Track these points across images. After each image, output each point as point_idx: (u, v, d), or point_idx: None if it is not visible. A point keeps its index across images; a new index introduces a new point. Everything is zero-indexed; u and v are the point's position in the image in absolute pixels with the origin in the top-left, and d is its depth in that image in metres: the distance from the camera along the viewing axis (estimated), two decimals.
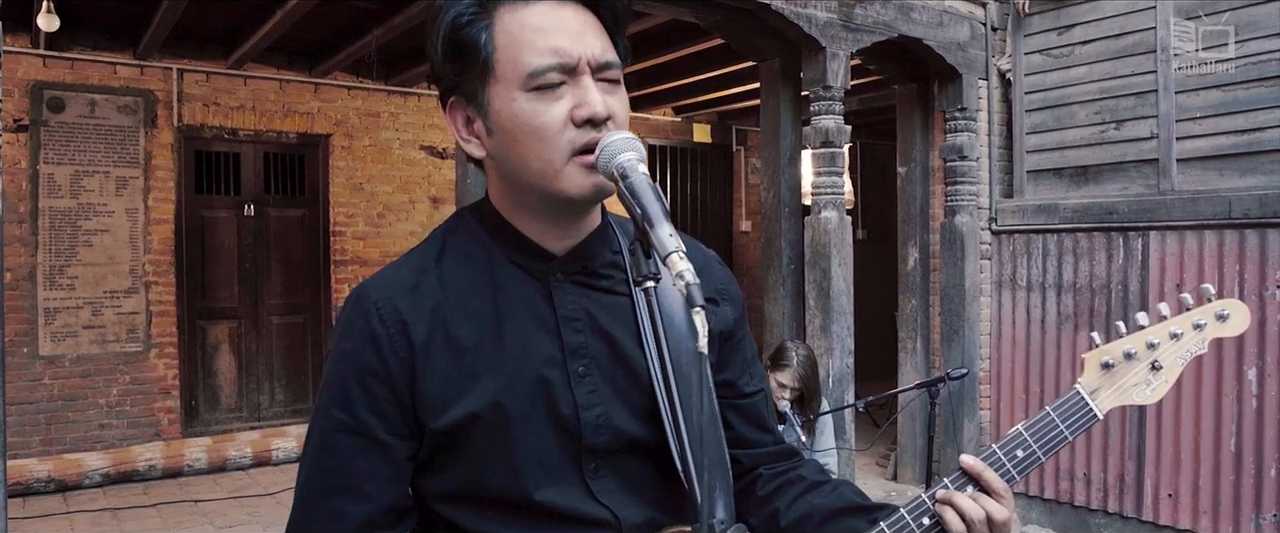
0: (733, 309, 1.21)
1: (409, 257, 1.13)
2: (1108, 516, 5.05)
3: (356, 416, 1.05)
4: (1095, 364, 1.18)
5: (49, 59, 5.80)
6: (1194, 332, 1.19)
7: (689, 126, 8.85)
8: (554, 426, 1.06)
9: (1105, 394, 1.17)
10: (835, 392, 4.75)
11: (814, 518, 1.16)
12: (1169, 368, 1.18)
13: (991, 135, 5.55)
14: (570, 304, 1.09)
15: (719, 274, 1.22)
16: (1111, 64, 5.00)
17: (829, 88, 4.72)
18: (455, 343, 1.06)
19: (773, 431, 1.26)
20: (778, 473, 1.23)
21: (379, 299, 1.07)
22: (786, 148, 5.15)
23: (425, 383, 1.05)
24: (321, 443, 1.08)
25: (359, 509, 1.06)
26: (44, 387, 5.89)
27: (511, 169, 1.05)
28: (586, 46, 1.02)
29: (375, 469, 1.06)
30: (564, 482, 1.06)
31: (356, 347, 1.06)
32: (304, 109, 6.77)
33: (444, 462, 1.07)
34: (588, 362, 1.08)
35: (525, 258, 1.09)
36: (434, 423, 1.04)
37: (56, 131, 5.84)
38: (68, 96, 5.86)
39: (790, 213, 5.15)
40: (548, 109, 1.01)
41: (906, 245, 5.77)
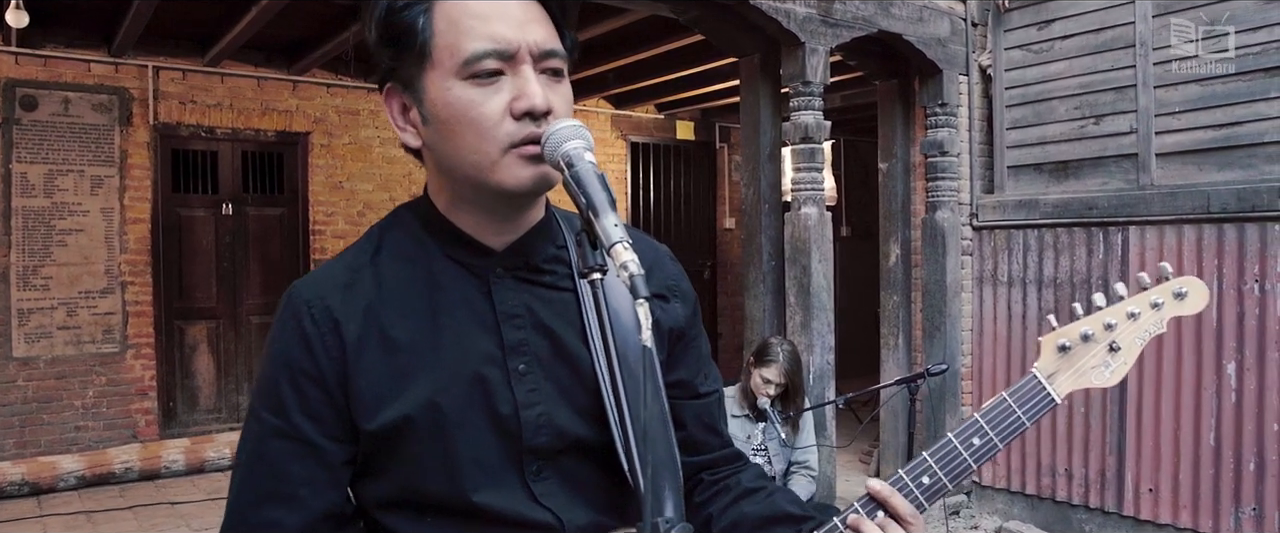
0: (684, 306, 1.18)
1: (344, 255, 1.09)
2: (1089, 511, 5.05)
3: (289, 419, 1.02)
4: (1052, 347, 1.15)
5: (21, 56, 5.72)
6: (1152, 311, 1.16)
7: (672, 123, 8.83)
8: (493, 426, 1.03)
9: (1063, 378, 1.14)
10: (816, 388, 4.73)
11: (743, 526, 1.14)
12: (1127, 349, 1.15)
13: (972, 131, 5.55)
14: (510, 301, 1.05)
15: (670, 270, 1.19)
16: (1091, 59, 5.00)
17: (808, 83, 4.70)
18: (390, 342, 1.02)
19: (722, 434, 1.23)
20: (718, 478, 1.21)
21: (310, 298, 1.04)
22: (766, 144, 5.12)
23: (358, 383, 1.01)
24: (254, 449, 1.04)
25: (294, 518, 1.02)
26: (18, 389, 5.81)
27: (447, 161, 1.02)
28: (528, 34, 0.98)
29: (310, 475, 1.02)
30: (504, 484, 1.03)
31: (287, 347, 1.03)
32: (282, 107, 6.71)
33: (380, 466, 1.04)
34: (529, 359, 1.04)
35: (463, 254, 1.06)
36: (368, 424, 1.01)
37: (29, 130, 5.76)
38: (41, 94, 5.79)
39: (770, 209, 5.13)
40: (486, 100, 0.97)
41: (888, 242, 5.75)
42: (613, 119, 8.51)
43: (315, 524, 1.03)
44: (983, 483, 5.57)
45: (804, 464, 4.12)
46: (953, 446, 1.11)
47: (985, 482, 5.55)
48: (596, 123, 8.42)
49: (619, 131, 8.57)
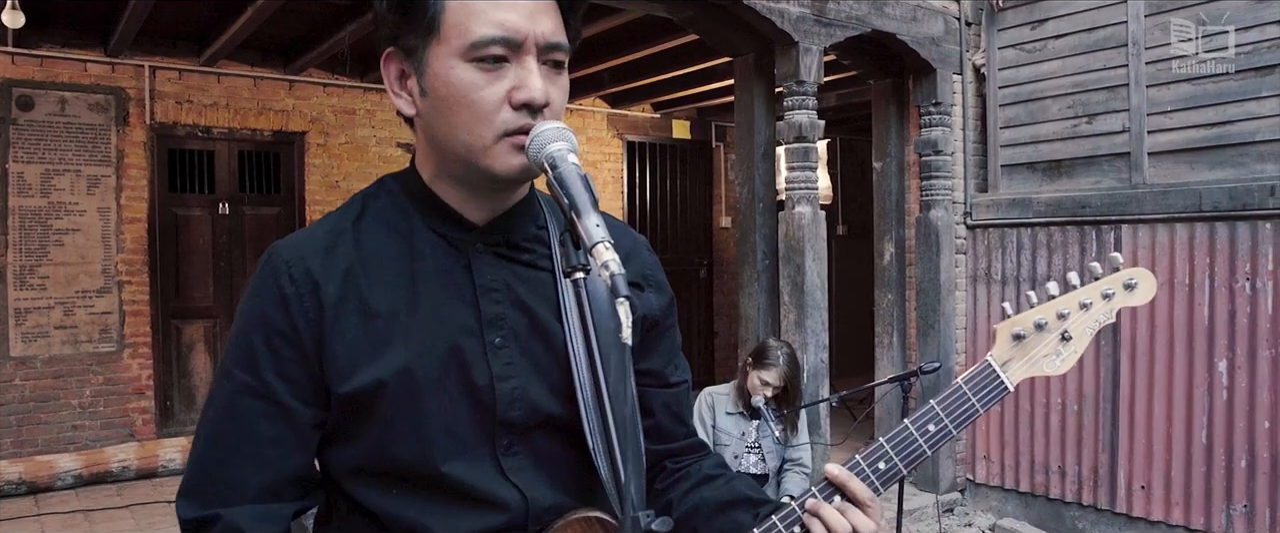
0: (659, 296, 1.20)
1: (327, 219, 1.10)
2: (1082, 508, 5.08)
3: (262, 378, 1.02)
4: (1006, 336, 1.16)
5: (18, 56, 5.72)
6: (1103, 301, 1.18)
7: (668, 123, 8.84)
8: (468, 396, 1.04)
9: (1016, 365, 1.16)
10: (810, 386, 4.75)
11: (702, 511, 1.16)
12: (1078, 338, 1.17)
13: (966, 130, 5.57)
14: (489, 275, 1.07)
15: (646, 260, 1.20)
16: (1084, 58, 5.02)
17: (802, 83, 4.72)
18: (368, 307, 1.03)
19: (688, 424, 1.26)
20: (680, 466, 1.23)
21: (290, 259, 1.04)
22: (760, 143, 5.14)
23: (334, 345, 1.02)
24: (223, 406, 1.04)
25: (258, 477, 1.02)
26: (15, 388, 5.82)
27: (439, 136, 1.03)
28: (537, 25, 0.99)
29: (278, 435, 1.03)
30: (474, 457, 1.04)
31: (264, 306, 1.03)
32: (279, 107, 6.72)
33: (352, 430, 1.04)
34: (506, 333, 1.06)
35: (445, 226, 1.07)
36: (341, 387, 1.01)
37: (26, 130, 5.77)
38: (37, 94, 5.79)
39: (765, 208, 5.15)
40: (487, 85, 0.98)
41: (882, 240, 5.77)
42: (609, 118, 8.53)
43: (279, 486, 1.04)
44: (977, 480, 5.59)
45: (798, 461, 4.14)
46: (909, 432, 1.13)
47: (979, 479, 5.58)
48: (592, 122, 8.44)
49: (615, 131, 8.59)
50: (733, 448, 4.14)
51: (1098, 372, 4.97)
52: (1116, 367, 4.88)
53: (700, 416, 4.22)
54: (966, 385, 1.14)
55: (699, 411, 4.22)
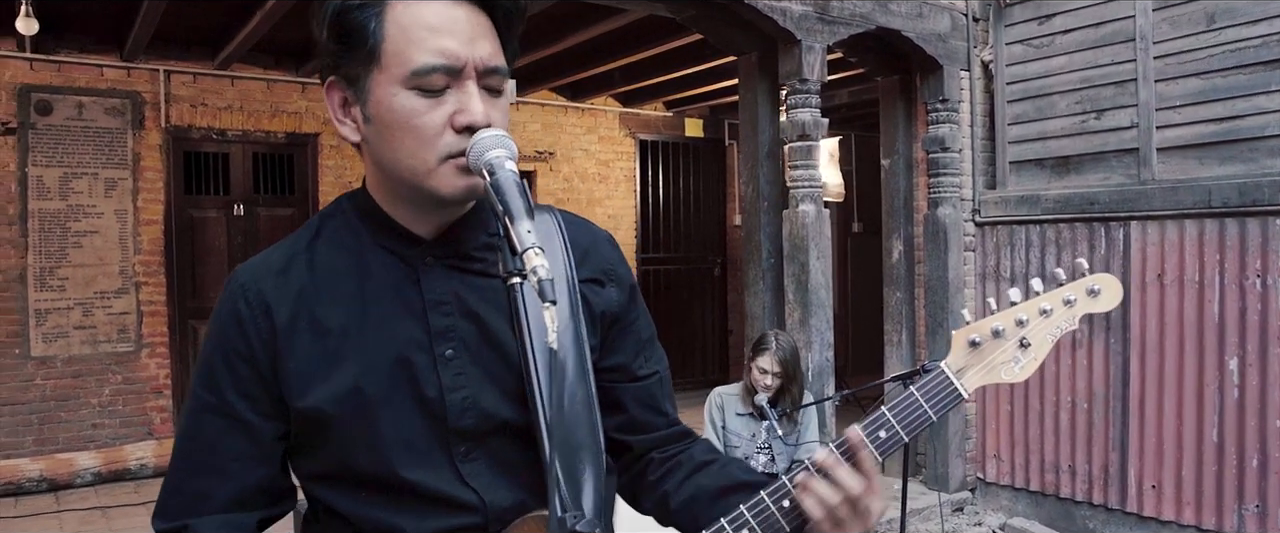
0: (619, 291, 1.20)
1: (285, 241, 1.14)
2: (1093, 507, 5.03)
3: (222, 396, 1.08)
4: (963, 342, 1.15)
5: (36, 62, 5.84)
6: (1064, 308, 1.17)
7: (680, 121, 8.84)
8: (419, 408, 1.07)
9: (973, 373, 1.15)
10: (815, 385, 4.74)
11: (701, 498, 1.17)
12: (1038, 345, 1.16)
13: (974, 127, 5.53)
14: (438, 288, 1.09)
15: (607, 254, 1.21)
16: (1091, 53, 4.97)
17: (805, 81, 4.71)
18: (319, 326, 1.07)
19: (668, 413, 1.26)
20: (669, 456, 1.24)
21: (246, 282, 1.09)
22: (765, 141, 5.14)
23: (288, 364, 1.06)
24: (190, 424, 1.10)
25: (224, 489, 1.08)
26: (36, 387, 5.94)
27: (385, 160, 1.05)
28: (475, 50, 1.01)
29: (241, 449, 1.08)
30: (432, 464, 1.07)
31: (223, 328, 1.09)
32: (292, 109, 6.80)
33: (312, 443, 1.09)
34: (456, 344, 1.08)
35: (394, 242, 1.10)
36: (297, 403, 1.06)
37: (44, 134, 5.88)
38: (55, 99, 5.91)
39: (769, 206, 5.14)
40: (429, 111, 1.00)
41: (891, 238, 5.75)
42: (620, 117, 8.55)
43: (244, 496, 1.09)
44: (987, 479, 5.56)
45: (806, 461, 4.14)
46: (860, 439, 1.12)
47: (989, 478, 5.54)
48: (604, 121, 8.46)
49: (627, 129, 8.60)
50: (743, 449, 4.15)
51: (1107, 370, 4.92)
52: (1126, 365, 4.83)
53: (710, 417, 4.22)
54: (919, 393, 1.14)
55: (709, 412, 4.23)
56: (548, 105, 8.10)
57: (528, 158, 8.02)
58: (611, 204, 8.50)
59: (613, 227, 8.49)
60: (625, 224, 8.60)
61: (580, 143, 8.33)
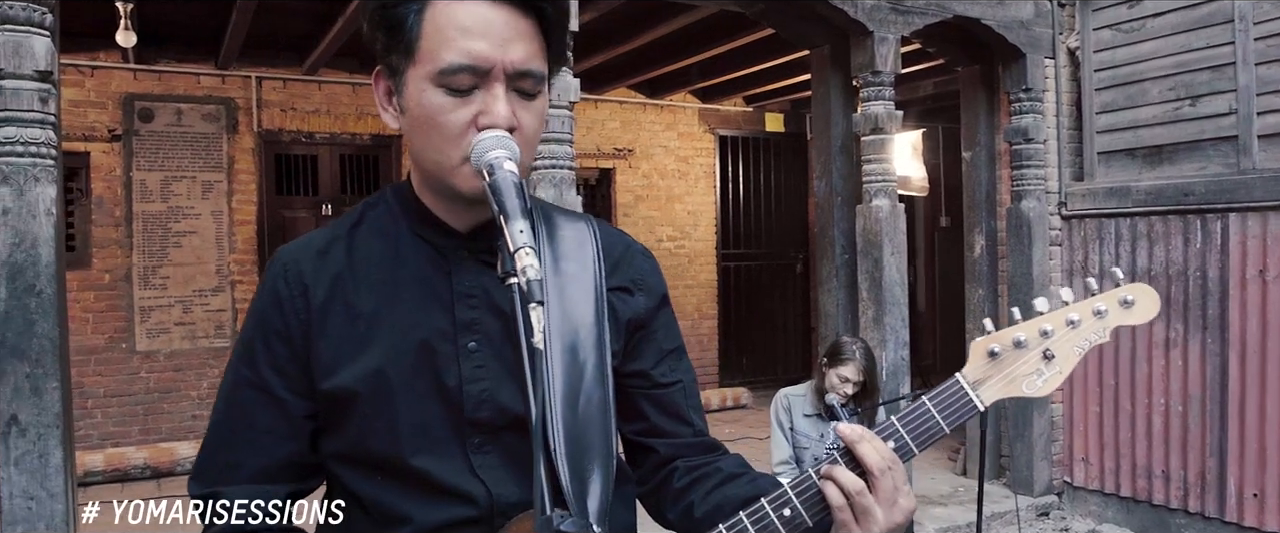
0: (647, 299, 1.21)
1: (329, 226, 1.19)
2: (1188, 515, 4.78)
3: (258, 372, 1.12)
4: (981, 352, 1.11)
5: (139, 72, 6.17)
6: (1094, 318, 1.11)
7: (760, 116, 8.76)
8: (438, 396, 1.09)
9: (991, 384, 1.10)
10: (889, 384, 4.64)
11: (726, 508, 1.14)
12: (1063, 357, 1.10)
13: (1060, 116, 5.31)
14: (468, 281, 1.12)
15: (640, 265, 1.23)
16: (1185, 37, 4.71)
17: (878, 73, 4.60)
18: (352, 309, 1.11)
19: (692, 422, 1.25)
20: (694, 466, 1.22)
21: (288, 262, 1.14)
22: (838, 136, 5.05)
23: (320, 344, 1.10)
24: (228, 396, 1.15)
25: (255, 460, 1.12)
26: (141, 380, 6.28)
27: (415, 151, 1.10)
28: (507, 54, 1.02)
29: (273, 424, 1.12)
30: (444, 453, 1.09)
31: (263, 306, 1.13)
32: (376, 111, 6.96)
33: (335, 422, 1.13)
34: (479, 338, 1.10)
35: (430, 234, 1.13)
36: (324, 383, 1.10)
37: (147, 140, 6.21)
38: (156, 107, 6.23)
39: (843, 202, 5.05)
40: (454, 109, 1.02)
41: (972, 233, 5.57)
42: (700, 113, 8.51)
43: (273, 470, 1.13)
44: (1074, 484, 5.34)
45: None
46: (859, 432, 1.08)
47: (1077, 482, 5.32)
48: (683, 117, 8.44)
49: (706, 126, 8.57)
50: (812, 450, 4.08)
51: (1204, 370, 4.66)
52: (1225, 365, 4.57)
53: (777, 419, 4.17)
54: (932, 403, 1.09)
55: (776, 413, 4.18)
56: (626, 103, 8.13)
57: (607, 155, 8.07)
58: (691, 201, 8.48)
59: (692, 224, 8.48)
60: (705, 221, 8.57)
61: (659, 140, 8.33)
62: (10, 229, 2.92)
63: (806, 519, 1.07)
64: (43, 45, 2.94)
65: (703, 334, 8.58)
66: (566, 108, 3.81)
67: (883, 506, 1.04)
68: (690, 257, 8.49)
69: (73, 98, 6.00)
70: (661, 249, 8.33)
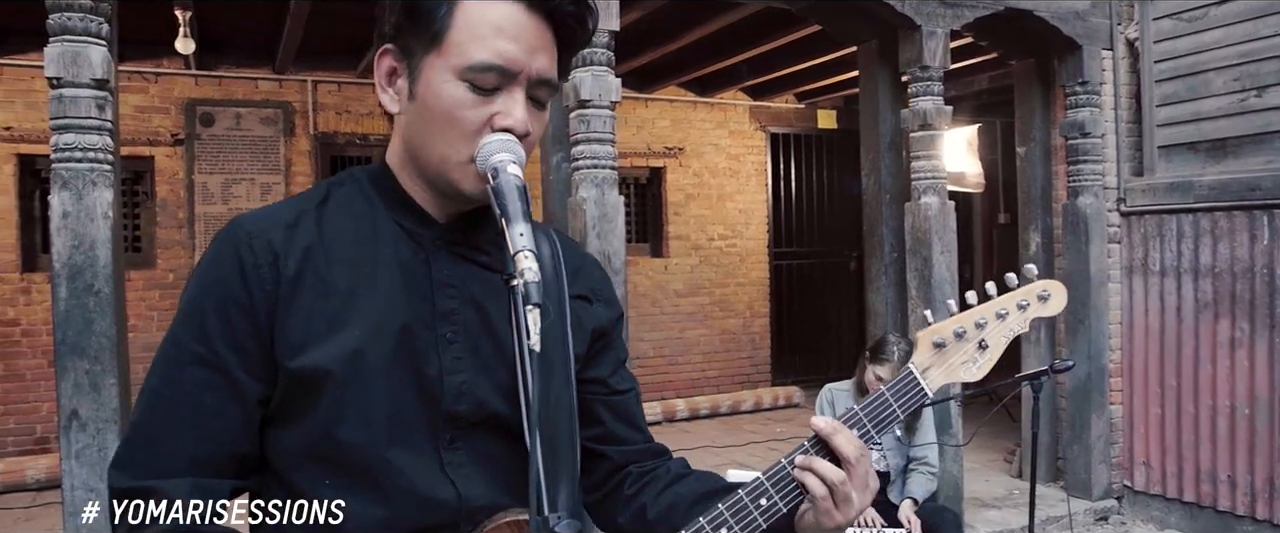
0: (607, 309, 1.23)
1: (289, 200, 1.13)
2: (1256, 522, 4.60)
3: (212, 348, 1.01)
4: (928, 343, 1.21)
5: (200, 78, 6.36)
6: (1018, 312, 1.23)
7: (812, 113, 8.67)
8: (416, 385, 1.06)
9: (936, 372, 1.20)
10: None
11: (680, 507, 1.17)
12: (994, 346, 1.22)
13: (1118, 109, 5.15)
14: (446, 271, 1.10)
15: (595, 275, 1.24)
16: (1251, 25, 4.53)
17: (926, 68, 4.52)
18: (326, 285, 1.05)
19: (643, 430, 1.28)
20: (646, 471, 1.24)
21: (253, 230, 1.05)
22: (886, 132, 4.98)
23: (289, 320, 1.02)
24: (169, 375, 1.03)
25: (198, 449, 1.01)
26: None
27: (418, 140, 1.07)
28: (534, 60, 1.04)
29: (222, 407, 1.02)
30: (416, 448, 1.06)
31: (222, 275, 1.03)
32: None
33: (298, 410, 1.04)
34: (457, 328, 1.09)
35: (408, 220, 1.11)
36: (291, 362, 1.01)
37: (208, 144, 6.39)
38: (217, 111, 6.41)
39: (891, 199, 4.98)
40: (474, 106, 1.02)
41: (1027, 230, 5.45)
42: (751, 111, 8.46)
43: (218, 460, 1.02)
44: (1135, 488, 5.18)
45: (923, 461, 4.00)
46: (831, 425, 1.13)
47: (1138, 486, 5.17)
48: (734, 115, 8.40)
49: (758, 123, 8.51)
50: None
51: (1271, 372, 4.48)
52: None
53: (820, 414, 4.15)
54: (889, 392, 1.17)
55: (820, 409, 4.16)
56: (676, 101, 8.12)
57: (657, 154, 8.07)
58: (742, 199, 8.44)
59: (744, 221, 8.43)
60: (757, 219, 8.52)
61: (710, 138, 8.31)
62: (70, 231, 3.03)
63: (782, 507, 1.11)
64: (99, 55, 3.04)
65: (754, 333, 8.53)
66: (608, 107, 3.82)
67: (857, 491, 1.09)
68: (741, 255, 8.45)
69: (138, 104, 6.20)
70: (712, 247, 8.31)
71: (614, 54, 3.85)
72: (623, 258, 3.90)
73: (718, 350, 8.34)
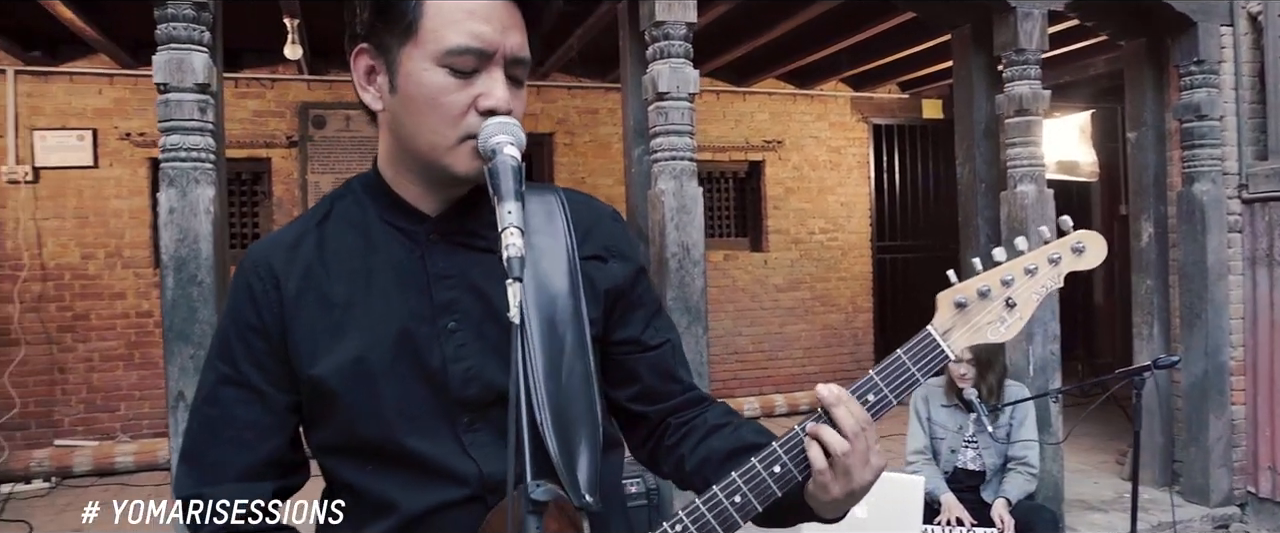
0: (623, 266, 1.23)
1: (296, 220, 1.21)
2: None
3: (237, 368, 1.14)
4: (948, 304, 1.15)
5: (312, 82, 6.68)
6: (1049, 266, 1.16)
7: (917, 103, 8.43)
8: (422, 379, 1.11)
9: (958, 333, 1.15)
10: (1037, 380, 4.37)
11: (712, 461, 1.19)
12: (1023, 304, 1.16)
13: (1240, 89, 4.82)
14: (442, 263, 1.14)
15: (610, 230, 1.24)
16: None
17: (1022, 52, 4.35)
18: (325, 299, 1.13)
19: (682, 379, 1.29)
20: (685, 421, 1.26)
21: (258, 258, 1.16)
22: (981, 119, 4.81)
23: (295, 335, 1.12)
24: (207, 395, 1.16)
25: (240, 458, 1.13)
26: None
27: (405, 132, 1.11)
28: (507, 39, 1.07)
29: (256, 419, 1.14)
30: (434, 434, 1.11)
31: (237, 303, 1.15)
32: (528, 111, 7.21)
33: (321, 413, 1.14)
34: (459, 317, 1.13)
35: (400, 219, 1.15)
36: (305, 372, 1.12)
37: (320, 145, 6.72)
38: (328, 114, 6.72)
39: (987, 189, 4.81)
40: (456, 90, 1.06)
41: (1139, 219, 5.16)
42: (852, 102, 8.30)
43: (259, 467, 1.14)
44: (1260, 495, 4.85)
45: (1022, 460, 3.86)
46: (835, 394, 1.11)
47: (1263, 493, 4.83)
48: (835, 107, 8.25)
49: (859, 114, 8.34)
50: (949, 441, 3.96)
51: None
52: None
53: (915, 410, 4.06)
54: (906, 354, 1.14)
55: (914, 404, 4.07)
56: (775, 94, 8.04)
57: (756, 148, 8.01)
58: (843, 192, 8.29)
59: (846, 215, 8.29)
60: (859, 212, 8.35)
61: (810, 130, 8.19)
62: (175, 226, 3.25)
63: (796, 475, 1.11)
64: (202, 61, 3.25)
65: (857, 328, 8.37)
66: (686, 100, 3.83)
67: (857, 465, 1.08)
68: (843, 249, 8.30)
69: (256, 108, 6.58)
70: (813, 241, 8.20)
71: (692, 46, 3.85)
72: (701, 250, 3.90)
73: (819, 346, 8.23)
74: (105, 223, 6.37)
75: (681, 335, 3.78)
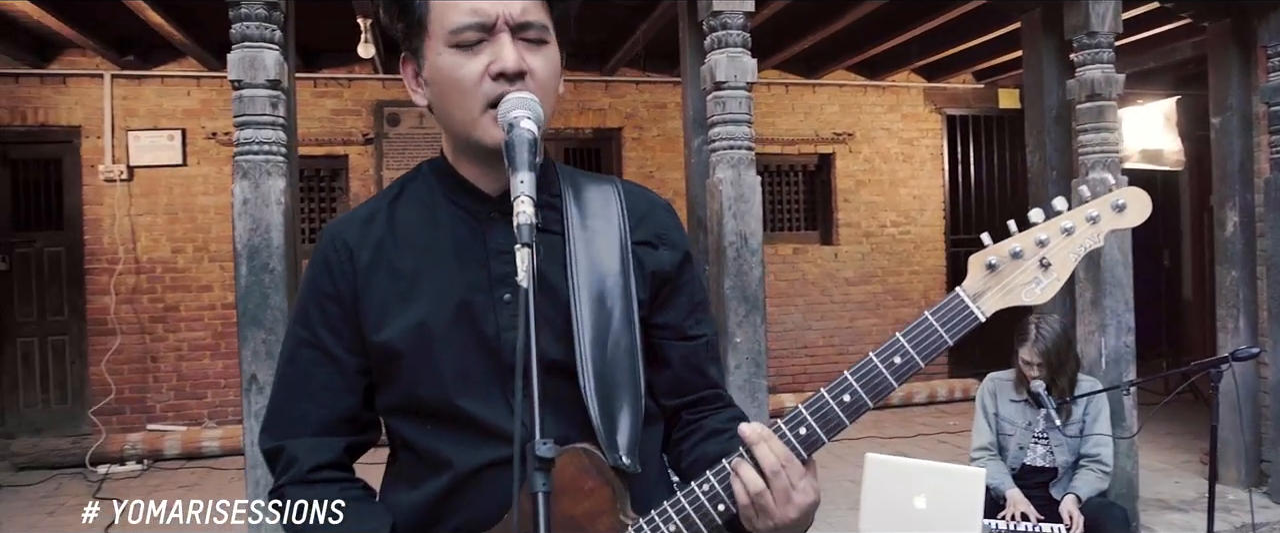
0: (672, 253, 1.30)
1: (371, 199, 1.33)
2: None
3: (314, 332, 1.25)
4: (980, 266, 1.13)
5: (387, 81, 6.88)
6: (1088, 225, 1.12)
7: (993, 92, 8.22)
8: (478, 345, 1.20)
9: (991, 296, 1.12)
10: (1109, 373, 4.25)
11: (700, 463, 1.22)
12: (1059, 265, 1.12)
13: None
14: (500, 239, 1.21)
15: (662, 219, 1.31)
16: None
17: (1094, 35, 4.22)
18: (394, 270, 1.23)
19: (708, 375, 1.33)
20: (694, 419, 1.31)
21: (335, 232, 1.27)
22: (1052, 105, 4.69)
23: (367, 303, 1.23)
24: (288, 357, 1.28)
25: (317, 414, 1.25)
26: None
27: (443, 117, 1.21)
28: (505, 8, 1.14)
29: (330, 379, 1.24)
30: (486, 396, 1.20)
31: (315, 273, 1.27)
32: (596, 106, 7.34)
33: (388, 375, 1.24)
34: (513, 290, 1.19)
35: (464, 199, 1.25)
36: (374, 337, 1.22)
37: (394, 142, 6.91)
38: (402, 112, 6.91)
39: (1058, 176, 4.69)
40: (466, 63, 1.14)
41: (1224, 208, 4.96)
42: (925, 92, 8.15)
43: (334, 423, 1.25)
44: None
45: (1094, 458, 3.74)
46: (873, 364, 1.13)
47: None
48: (907, 98, 8.11)
49: (933, 105, 8.18)
50: (1017, 438, 3.86)
51: None
52: None
53: (982, 404, 3.97)
54: (934, 317, 1.13)
55: (981, 399, 3.98)
56: (845, 85, 7.95)
57: (825, 140, 7.94)
58: (916, 184, 8.15)
59: (918, 208, 8.15)
60: (932, 205, 8.20)
61: (881, 122, 8.08)
62: (248, 216, 3.40)
63: (731, 506, 1.14)
64: (273, 58, 3.39)
65: None
66: (744, 89, 3.83)
67: (776, 504, 1.10)
68: (916, 242, 8.16)
69: (334, 107, 6.80)
70: (885, 234, 8.08)
71: (749, 35, 3.86)
72: (759, 239, 3.90)
73: None
74: (193, 218, 6.68)
75: (740, 324, 3.81)
